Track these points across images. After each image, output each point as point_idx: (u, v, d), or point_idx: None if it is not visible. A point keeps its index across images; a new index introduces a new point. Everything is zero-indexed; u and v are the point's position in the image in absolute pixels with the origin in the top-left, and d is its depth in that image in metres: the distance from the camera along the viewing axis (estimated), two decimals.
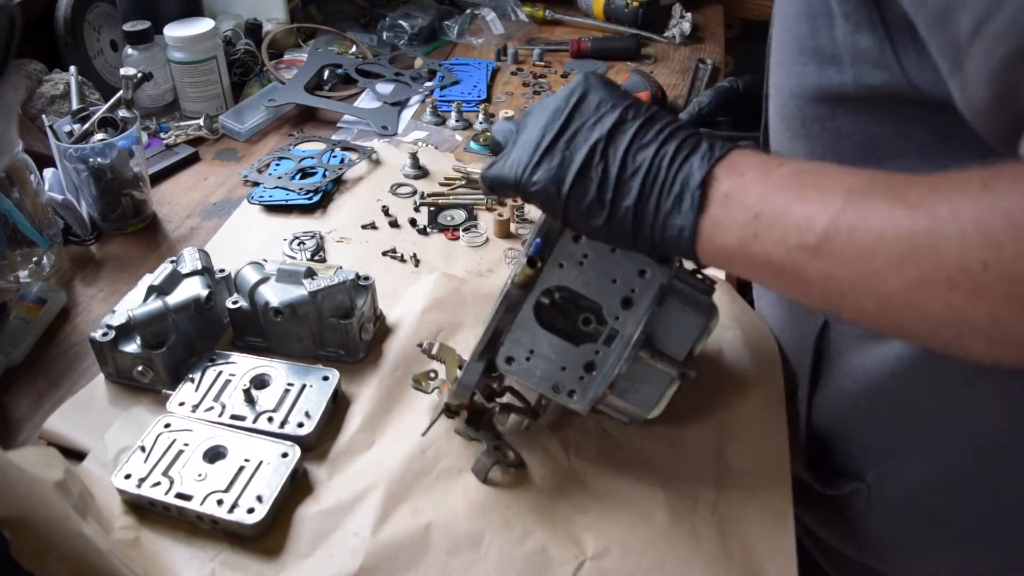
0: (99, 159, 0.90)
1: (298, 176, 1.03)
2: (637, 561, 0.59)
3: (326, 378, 0.70)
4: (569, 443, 0.67)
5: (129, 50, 1.11)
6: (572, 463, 0.66)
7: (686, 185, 0.46)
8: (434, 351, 0.67)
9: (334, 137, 1.14)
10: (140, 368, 0.70)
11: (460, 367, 0.65)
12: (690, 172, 0.46)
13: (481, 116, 1.17)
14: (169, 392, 0.70)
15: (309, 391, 0.69)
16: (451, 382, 0.65)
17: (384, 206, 0.98)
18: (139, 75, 0.97)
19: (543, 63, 1.37)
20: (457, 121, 1.18)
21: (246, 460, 0.63)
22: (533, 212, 0.98)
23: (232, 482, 0.61)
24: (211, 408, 0.68)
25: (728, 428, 0.69)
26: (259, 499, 0.60)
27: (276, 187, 1.01)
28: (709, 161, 0.46)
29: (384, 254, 0.91)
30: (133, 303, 0.73)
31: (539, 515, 0.62)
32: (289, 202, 0.98)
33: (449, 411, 0.66)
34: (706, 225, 0.46)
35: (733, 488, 0.64)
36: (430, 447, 0.67)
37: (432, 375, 0.70)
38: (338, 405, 0.71)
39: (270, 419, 0.67)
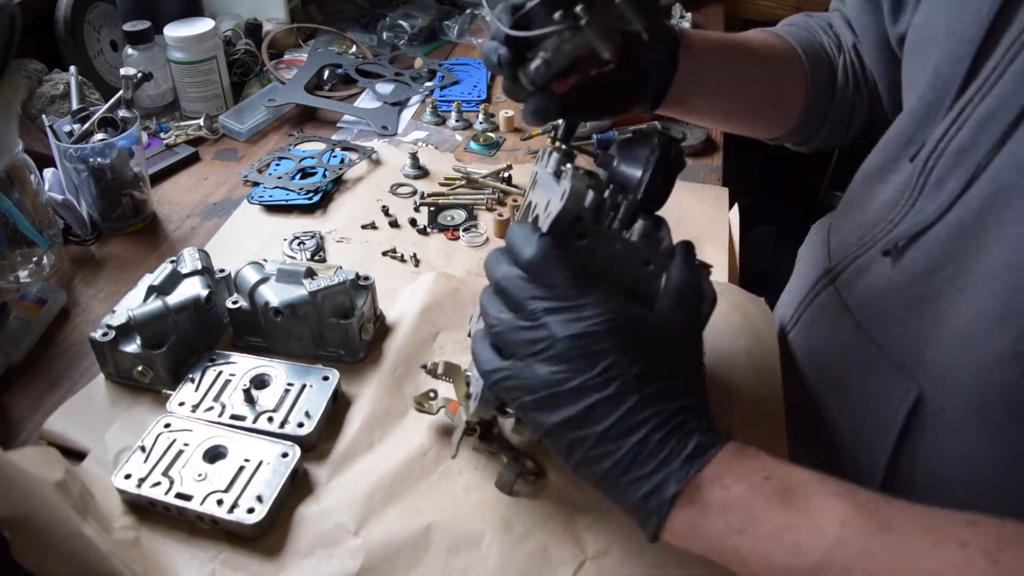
0: (99, 159, 0.90)
1: (298, 176, 1.03)
2: (637, 561, 0.59)
3: (326, 378, 0.70)
4: None
5: (129, 50, 1.11)
6: None
7: (659, 490, 0.46)
8: (439, 371, 0.66)
9: (334, 137, 1.14)
10: (140, 368, 0.70)
11: (467, 384, 0.64)
12: (667, 478, 0.46)
13: (481, 116, 1.17)
14: (169, 392, 0.70)
15: (309, 391, 0.69)
16: (462, 399, 0.65)
17: (384, 206, 0.98)
18: (139, 75, 0.97)
19: None
20: (457, 121, 1.18)
21: (246, 460, 0.63)
22: None
23: (232, 482, 0.61)
24: (211, 408, 0.68)
25: (727, 430, 0.69)
26: (259, 499, 0.60)
27: (276, 187, 1.01)
28: (690, 471, 0.46)
29: (384, 254, 0.91)
30: (133, 303, 0.73)
31: (539, 515, 0.62)
32: (289, 202, 0.98)
33: (469, 428, 0.65)
34: (675, 524, 0.47)
35: None
36: (431, 448, 0.67)
37: (432, 395, 0.69)
38: (338, 405, 0.71)
39: (270, 419, 0.67)
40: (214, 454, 0.64)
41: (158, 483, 0.61)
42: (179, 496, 0.60)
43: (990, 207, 0.53)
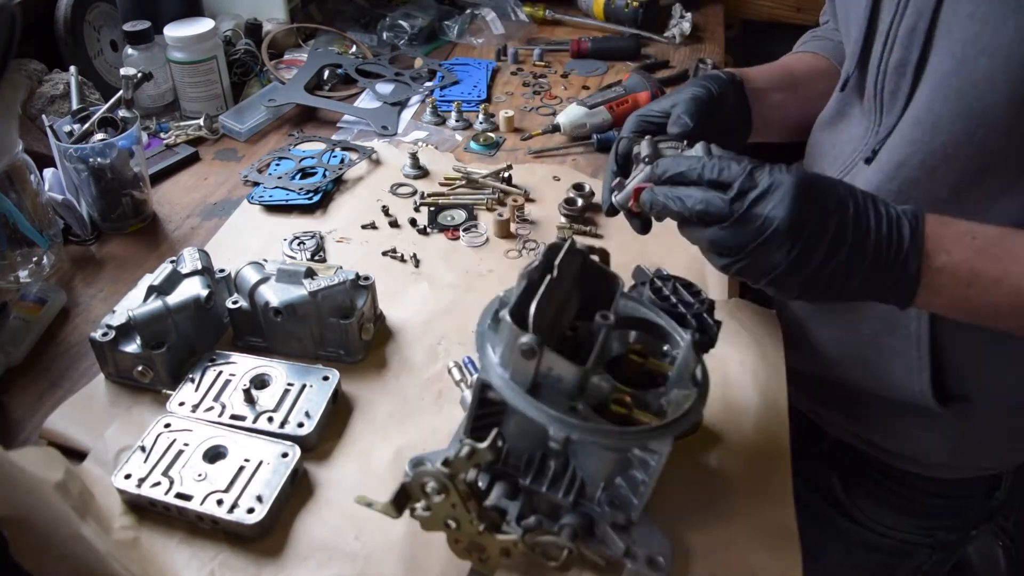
0: (99, 159, 0.89)
1: (298, 176, 1.03)
2: None
3: (326, 378, 0.70)
4: None
5: (129, 50, 1.11)
6: None
7: (904, 270, 0.57)
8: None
9: (334, 137, 1.14)
10: (140, 368, 0.70)
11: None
12: (905, 258, 0.57)
13: (481, 116, 1.17)
14: (169, 392, 0.70)
15: (309, 391, 0.69)
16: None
17: (384, 206, 0.98)
18: (139, 75, 0.97)
19: (543, 63, 1.37)
20: (457, 121, 1.18)
21: (246, 460, 0.63)
22: (534, 213, 0.98)
23: (232, 482, 0.61)
24: (211, 408, 0.68)
25: (731, 446, 0.69)
26: (259, 499, 0.60)
27: (276, 187, 1.01)
28: (918, 245, 0.57)
29: (384, 254, 0.91)
30: (133, 303, 0.73)
31: None
32: (289, 202, 0.98)
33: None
34: (921, 295, 0.58)
35: (740, 491, 0.64)
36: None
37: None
38: (338, 405, 0.71)
39: (270, 419, 0.67)
40: (214, 454, 0.64)
41: (158, 483, 0.61)
42: (179, 496, 0.60)
43: (936, 94, 0.66)
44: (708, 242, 0.58)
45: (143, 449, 0.64)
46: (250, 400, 0.68)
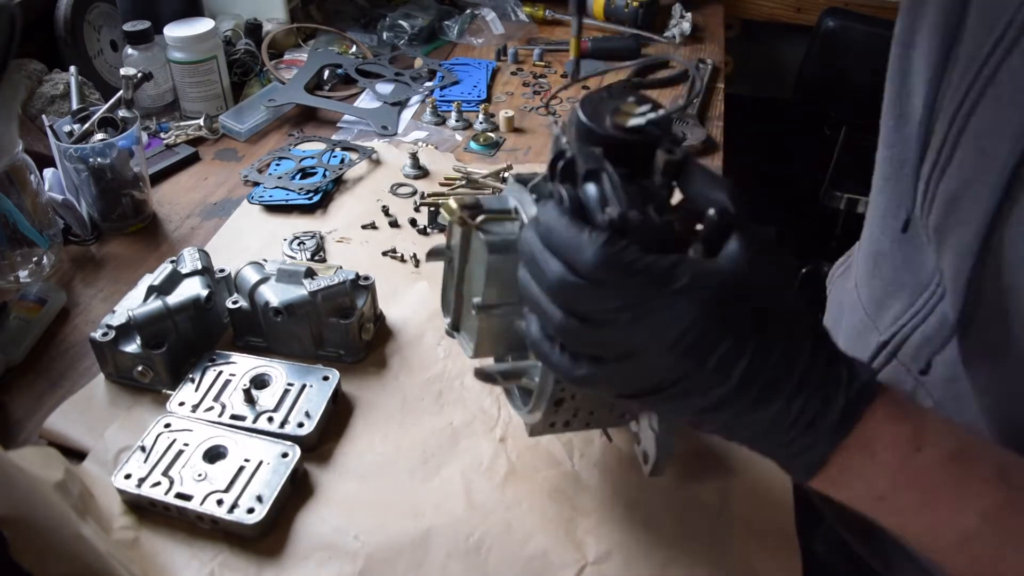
0: (99, 159, 0.89)
1: (298, 176, 1.03)
2: (639, 566, 0.59)
3: (326, 378, 0.70)
4: (573, 446, 0.67)
5: (129, 50, 1.10)
6: (576, 466, 0.66)
7: (808, 452, 0.43)
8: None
9: (334, 137, 1.14)
10: (140, 368, 0.70)
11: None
12: (813, 445, 0.43)
13: (481, 116, 1.17)
14: (169, 392, 0.70)
15: (309, 391, 0.69)
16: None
17: (384, 206, 0.98)
18: (139, 75, 0.97)
19: (543, 63, 1.37)
20: (457, 121, 1.18)
21: (246, 460, 0.63)
22: None
23: (232, 482, 0.61)
24: (211, 408, 0.68)
25: (728, 448, 0.68)
26: (259, 499, 0.60)
27: (276, 187, 1.00)
28: (836, 440, 0.43)
29: (384, 254, 0.91)
30: (133, 303, 0.73)
31: (540, 518, 0.62)
32: (289, 202, 0.98)
33: None
34: (818, 481, 0.45)
35: (738, 492, 0.64)
36: (432, 451, 0.67)
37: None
38: (338, 405, 0.71)
39: (270, 419, 0.67)
40: (214, 454, 0.64)
41: (158, 483, 0.61)
42: (179, 496, 0.60)
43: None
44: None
45: (143, 449, 0.64)
46: (250, 400, 0.68)
